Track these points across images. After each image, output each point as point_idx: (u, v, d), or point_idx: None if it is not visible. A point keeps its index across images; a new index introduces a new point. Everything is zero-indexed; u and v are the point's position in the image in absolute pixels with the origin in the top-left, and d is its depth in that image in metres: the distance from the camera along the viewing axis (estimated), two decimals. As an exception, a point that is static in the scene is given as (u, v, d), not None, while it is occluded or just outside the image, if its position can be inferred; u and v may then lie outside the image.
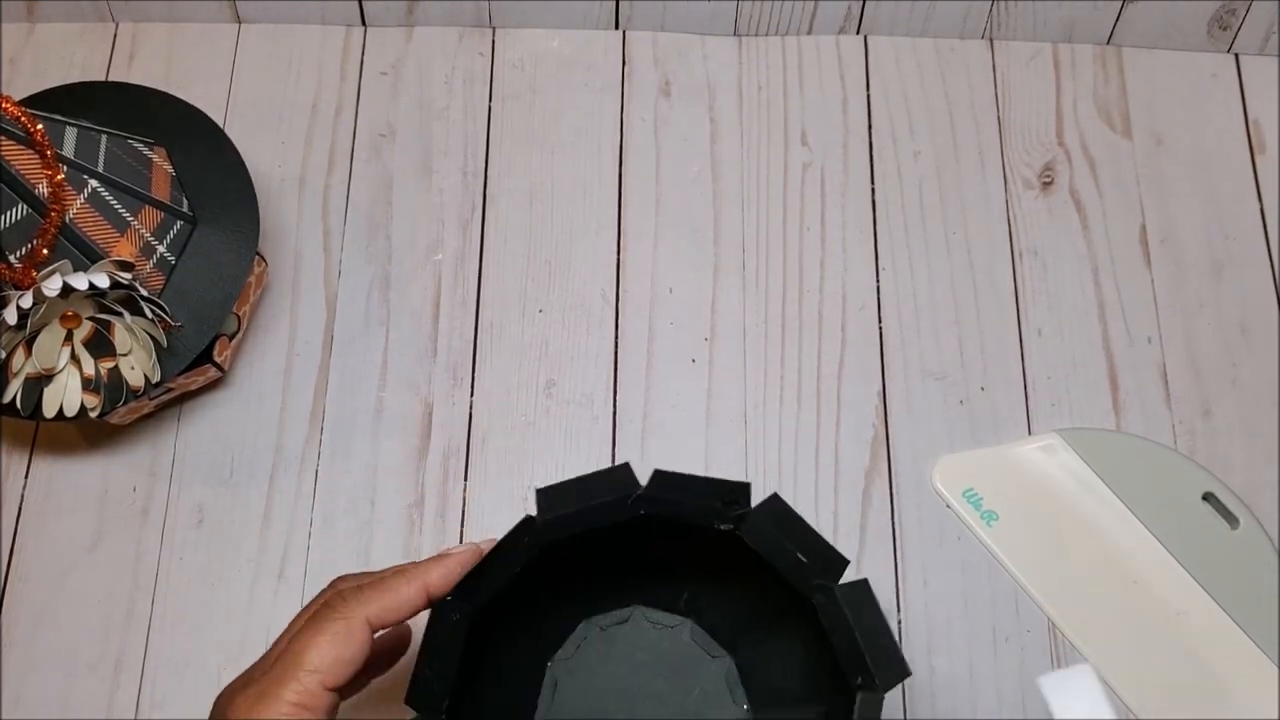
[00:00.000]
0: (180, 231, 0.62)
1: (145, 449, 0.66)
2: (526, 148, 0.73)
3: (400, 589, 0.48)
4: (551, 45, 0.75)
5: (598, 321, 0.69)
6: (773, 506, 0.50)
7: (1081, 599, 0.62)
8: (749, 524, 0.50)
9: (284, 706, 0.45)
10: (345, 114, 0.73)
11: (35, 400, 0.58)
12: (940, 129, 0.73)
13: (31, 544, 0.64)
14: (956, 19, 0.74)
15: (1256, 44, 0.75)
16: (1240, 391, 0.67)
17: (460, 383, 0.67)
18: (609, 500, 0.50)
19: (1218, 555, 0.63)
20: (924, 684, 0.61)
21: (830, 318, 0.69)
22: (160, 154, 0.63)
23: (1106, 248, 0.71)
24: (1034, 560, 0.63)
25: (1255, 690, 0.60)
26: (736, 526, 0.50)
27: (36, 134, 0.56)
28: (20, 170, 0.55)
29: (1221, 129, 0.74)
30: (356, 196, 0.71)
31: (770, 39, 0.75)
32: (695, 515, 0.50)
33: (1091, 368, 0.68)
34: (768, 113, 0.73)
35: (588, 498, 0.50)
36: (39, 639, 0.62)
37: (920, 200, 0.71)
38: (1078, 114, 0.74)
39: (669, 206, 0.71)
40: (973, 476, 0.65)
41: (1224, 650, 0.61)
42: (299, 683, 0.46)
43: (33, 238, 0.56)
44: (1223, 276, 0.70)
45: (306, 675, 0.46)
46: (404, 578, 0.48)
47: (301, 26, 0.75)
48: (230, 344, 0.65)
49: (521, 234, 0.71)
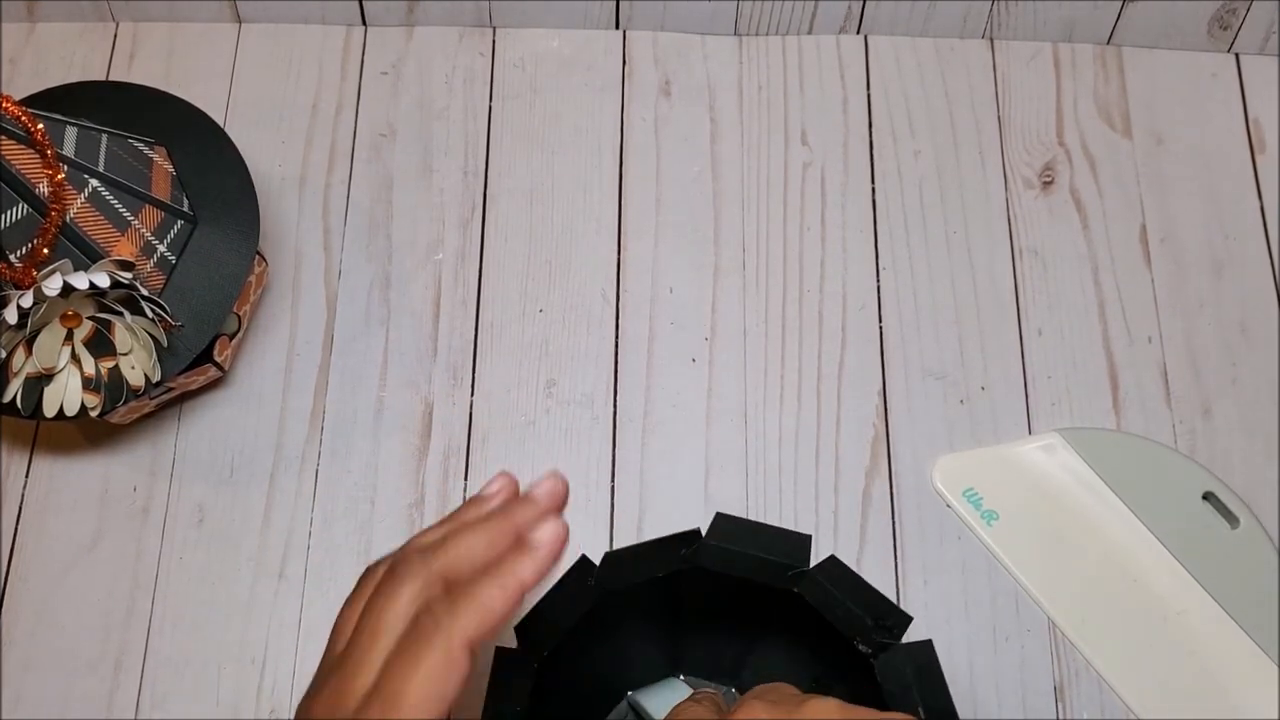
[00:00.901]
0: (181, 231, 0.62)
1: (145, 448, 0.66)
2: (527, 147, 0.73)
3: (497, 603, 0.42)
4: (552, 45, 0.75)
5: (598, 321, 0.69)
6: (831, 566, 0.50)
7: (1081, 599, 0.62)
8: (808, 583, 0.50)
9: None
10: (346, 113, 0.73)
11: (36, 400, 0.58)
12: (940, 129, 0.73)
13: (32, 543, 0.64)
14: (957, 19, 0.74)
15: (1256, 44, 0.75)
16: (1240, 391, 0.67)
17: (460, 382, 0.67)
18: (668, 552, 0.50)
19: (1218, 555, 0.63)
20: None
21: (830, 317, 0.69)
22: (161, 153, 0.63)
23: (1107, 247, 0.71)
24: (1034, 560, 0.63)
25: (1255, 690, 0.60)
26: (796, 585, 0.50)
27: (37, 133, 0.56)
28: (21, 170, 0.55)
29: (1221, 129, 0.74)
30: (357, 196, 0.71)
31: (770, 38, 0.75)
32: (756, 573, 0.50)
33: (1091, 367, 0.68)
34: (768, 112, 0.73)
35: (650, 552, 0.50)
36: (39, 638, 0.62)
37: (920, 200, 0.71)
38: (1078, 113, 0.74)
39: (669, 206, 0.71)
40: (973, 476, 0.65)
41: (1224, 650, 0.61)
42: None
43: (33, 237, 0.56)
44: (1223, 276, 0.70)
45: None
46: (497, 584, 0.43)
47: (302, 26, 0.75)
48: (230, 344, 0.65)
49: (522, 234, 0.71)
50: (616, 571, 0.51)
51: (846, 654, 0.50)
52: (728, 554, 0.50)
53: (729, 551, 0.50)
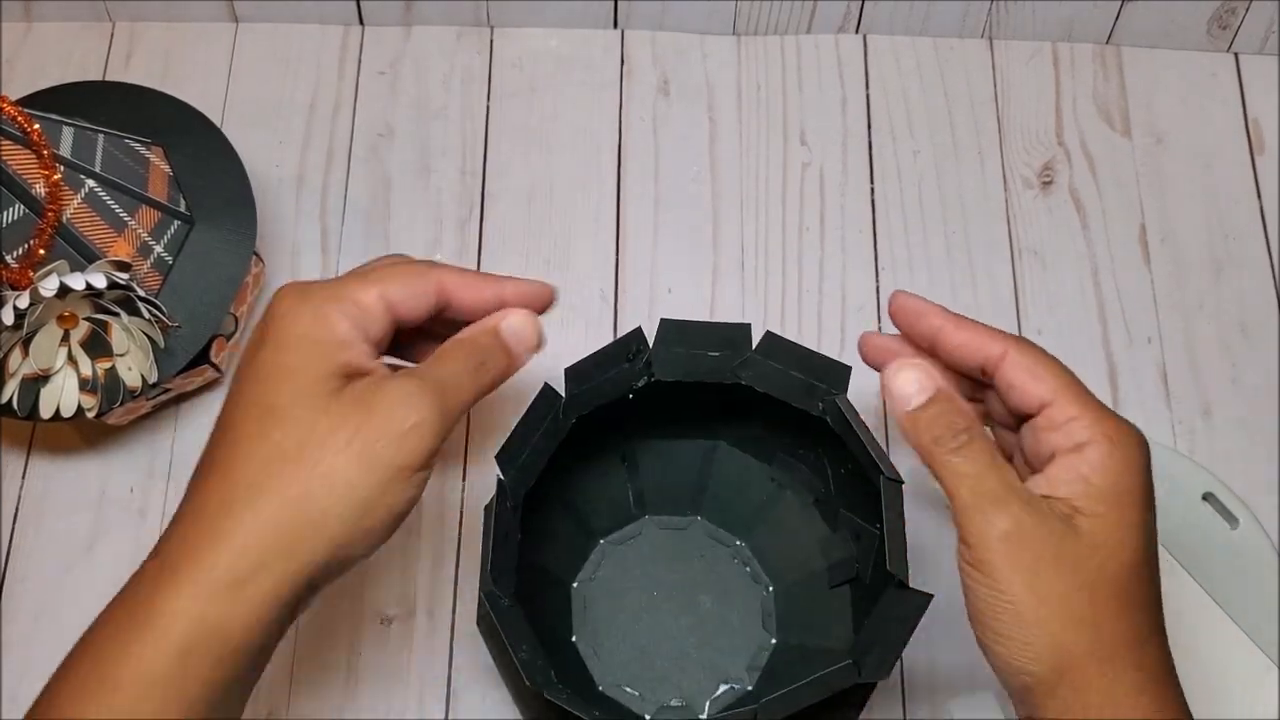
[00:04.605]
0: (177, 231, 0.61)
1: (142, 449, 0.65)
2: (525, 147, 0.73)
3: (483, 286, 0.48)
4: (550, 44, 0.75)
5: (596, 321, 0.68)
6: (768, 342, 0.53)
7: (1081, 599, 0.62)
8: (751, 367, 0.52)
9: (347, 305, 0.44)
10: (343, 113, 0.73)
11: (32, 401, 0.58)
12: (939, 128, 0.73)
13: (29, 544, 0.63)
14: (956, 18, 0.74)
15: (1256, 43, 0.75)
16: (1240, 391, 0.67)
17: (458, 383, 0.67)
18: (624, 370, 0.52)
19: (1217, 555, 0.63)
20: (924, 683, 0.61)
21: (829, 318, 0.69)
22: (158, 154, 0.63)
23: (1106, 247, 0.70)
24: (1034, 560, 0.63)
25: (1255, 690, 0.60)
26: (741, 378, 0.52)
27: (33, 134, 0.56)
28: (17, 170, 0.55)
29: (1221, 128, 0.73)
30: (354, 196, 0.71)
31: (769, 38, 0.75)
32: (707, 374, 0.52)
33: (1091, 367, 0.68)
34: (767, 112, 0.73)
35: (605, 367, 0.52)
36: (37, 639, 0.61)
37: (920, 200, 0.71)
38: (1077, 113, 0.74)
39: (668, 206, 0.71)
40: (972, 477, 0.65)
41: (1224, 650, 0.61)
42: (364, 289, 0.44)
43: (29, 238, 0.56)
44: (1222, 276, 0.70)
45: (371, 286, 0.45)
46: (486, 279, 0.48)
47: (299, 26, 0.75)
48: (227, 345, 0.65)
49: (520, 233, 0.71)
50: (582, 394, 0.52)
51: (797, 441, 0.53)
52: (678, 359, 0.52)
53: (679, 356, 0.52)
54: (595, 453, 0.57)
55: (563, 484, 0.56)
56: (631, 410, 0.53)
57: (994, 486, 0.44)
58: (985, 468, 0.44)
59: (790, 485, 0.59)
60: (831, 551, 0.58)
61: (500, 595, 0.49)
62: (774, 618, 0.58)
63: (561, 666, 0.49)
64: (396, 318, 0.46)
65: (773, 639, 0.58)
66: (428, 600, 0.62)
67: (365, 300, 0.45)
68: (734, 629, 0.58)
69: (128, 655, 0.41)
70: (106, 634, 0.42)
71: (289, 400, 0.43)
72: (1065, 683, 0.42)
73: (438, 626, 0.62)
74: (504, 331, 0.47)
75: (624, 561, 0.59)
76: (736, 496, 0.60)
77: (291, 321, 0.44)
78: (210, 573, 0.41)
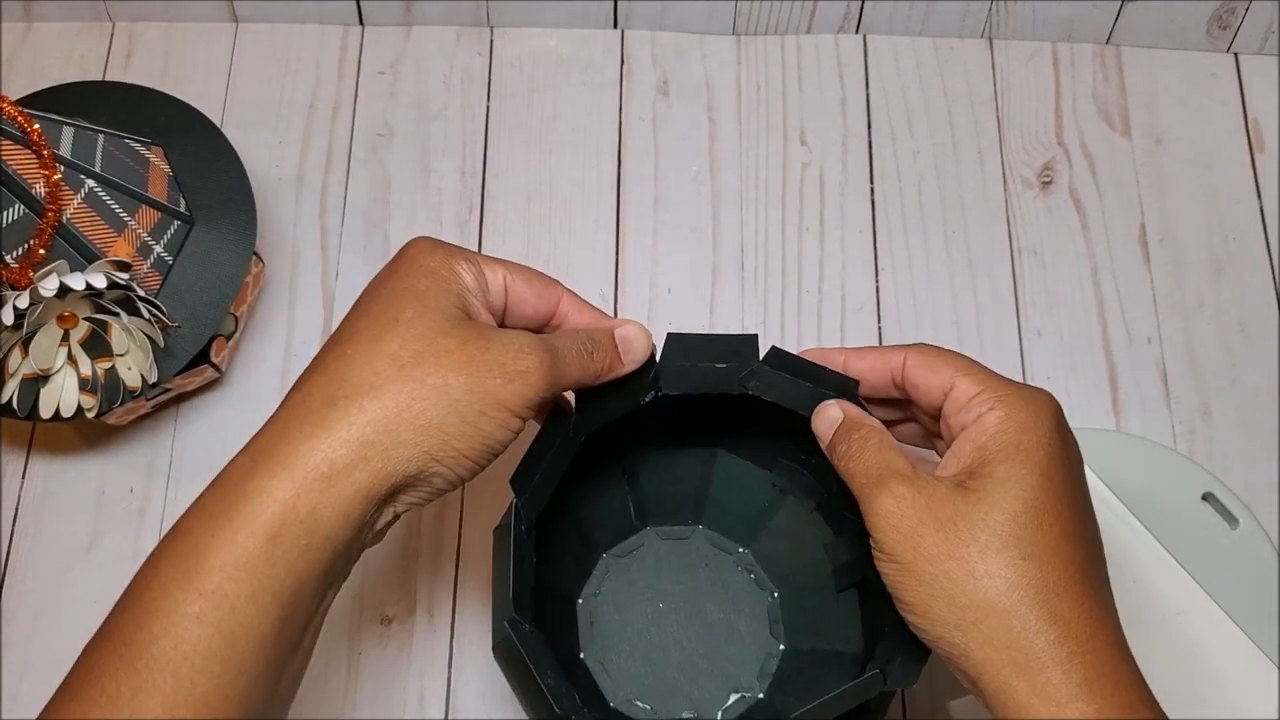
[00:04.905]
0: (177, 231, 0.61)
1: (142, 449, 0.66)
2: (525, 147, 0.73)
3: (599, 317, 0.50)
4: (550, 44, 0.75)
5: (596, 321, 0.68)
6: (775, 356, 0.52)
7: (1081, 599, 0.62)
8: (759, 379, 0.52)
9: (475, 266, 0.47)
10: (343, 113, 0.73)
11: (32, 401, 0.58)
12: (939, 128, 0.73)
13: (29, 544, 0.63)
14: (955, 18, 0.74)
15: (1256, 43, 0.75)
16: (1240, 391, 0.67)
17: (458, 383, 0.67)
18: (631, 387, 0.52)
19: (1218, 555, 0.63)
20: (924, 682, 0.61)
21: (829, 318, 0.69)
22: (157, 154, 0.63)
23: (1106, 247, 0.70)
24: (1033, 560, 0.63)
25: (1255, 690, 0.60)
26: (749, 388, 0.52)
27: (33, 134, 0.56)
28: (17, 170, 0.55)
29: (1221, 128, 0.73)
30: (354, 196, 0.71)
31: (769, 38, 0.75)
32: (714, 386, 0.52)
33: (1091, 368, 0.68)
34: (766, 112, 0.73)
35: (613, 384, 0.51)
36: (37, 639, 0.62)
37: (919, 200, 0.71)
38: (1077, 113, 0.74)
39: (668, 206, 0.71)
40: (972, 477, 0.65)
41: (1224, 650, 0.61)
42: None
43: (29, 238, 0.56)
44: (1222, 276, 0.70)
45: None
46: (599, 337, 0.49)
47: (299, 26, 0.75)
48: (227, 344, 0.65)
49: (520, 233, 0.71)
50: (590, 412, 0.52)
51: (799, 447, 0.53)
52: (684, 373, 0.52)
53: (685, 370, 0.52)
54: (596, 466, 0.57)
55: (565, 499, 0.56)
56: (635, 423, 0.53)
57: (878, 473, 0.45)
58: (871, 459, 0.46)
59: (792, 491, 0.58)
60: (836, 555, 0.57)
61: (521, 621, 0.49)
62: (781, 624, 0.58)
63: (574, 686, 0.49)
64: (511, 305, 0.48)
65: (781, 645, 0.57)
66: (428, 600, 0.62)
67: (491, 273, 0.48)
68: (742, 637, 0.58)
69: (218, 539, 0.41)
70: (198, 521, 0.42)
71: (414, 315, 0.44)
72: (973, 640, 0.42)
73: (438, 626, 0.62)
74: (619, 335, 0.50)
75: (628, 574, 0.59)
76: (738, 504, 0.59)
77: (425, 257, 0.46)
78: (306, 460, 0.42)
